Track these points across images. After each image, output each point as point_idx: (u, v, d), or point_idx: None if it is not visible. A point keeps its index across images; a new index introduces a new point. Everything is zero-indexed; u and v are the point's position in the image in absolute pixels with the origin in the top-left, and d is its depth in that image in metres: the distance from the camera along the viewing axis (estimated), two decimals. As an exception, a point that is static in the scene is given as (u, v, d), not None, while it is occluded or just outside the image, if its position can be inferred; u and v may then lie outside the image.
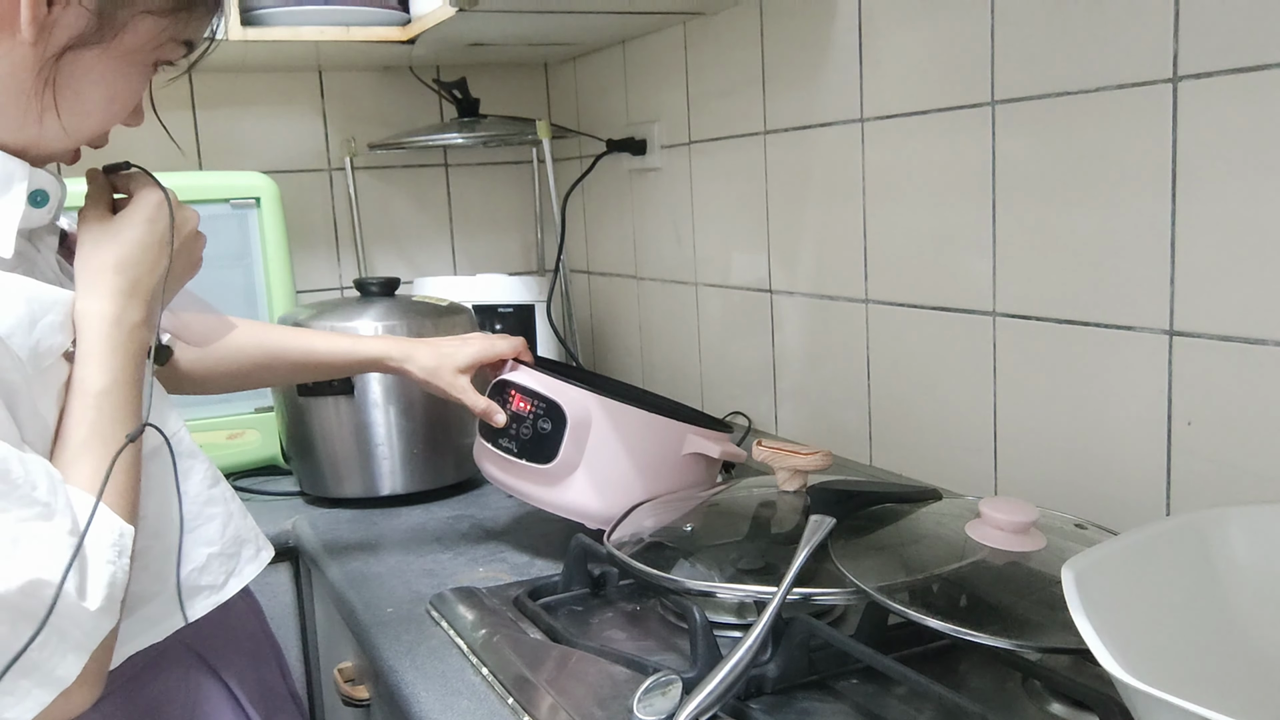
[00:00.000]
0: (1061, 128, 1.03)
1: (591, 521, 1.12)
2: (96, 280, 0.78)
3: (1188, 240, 0.93)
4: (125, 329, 0.77)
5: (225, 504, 0.90)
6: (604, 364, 2.00)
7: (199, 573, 0.87)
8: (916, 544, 0.90)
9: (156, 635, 0.83)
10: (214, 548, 0.88)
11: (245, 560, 0.91)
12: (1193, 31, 0.90)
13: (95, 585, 0.68)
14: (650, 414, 1.13)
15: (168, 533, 0.84)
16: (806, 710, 0.80)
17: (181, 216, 0.85)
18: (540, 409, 1.12)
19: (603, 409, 1.11)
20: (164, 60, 0.81)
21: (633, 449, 1.12)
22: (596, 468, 1.11)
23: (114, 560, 0.70)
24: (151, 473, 0.82)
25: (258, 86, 1.91)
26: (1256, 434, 0.90)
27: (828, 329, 1.40)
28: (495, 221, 2.12)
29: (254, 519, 0.95)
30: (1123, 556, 0.70)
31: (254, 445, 1.60)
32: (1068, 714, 0.78)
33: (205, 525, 0.88)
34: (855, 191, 1.31)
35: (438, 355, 1.18)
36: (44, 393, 0.73)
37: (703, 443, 1.13)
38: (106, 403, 0.75)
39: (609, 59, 1.89)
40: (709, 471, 1.18)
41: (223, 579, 0.89)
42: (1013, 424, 1.13)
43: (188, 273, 0.89)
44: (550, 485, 1.13)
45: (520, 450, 1.13)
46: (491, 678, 0.88)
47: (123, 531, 0.72)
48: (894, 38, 1.23)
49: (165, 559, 0.84)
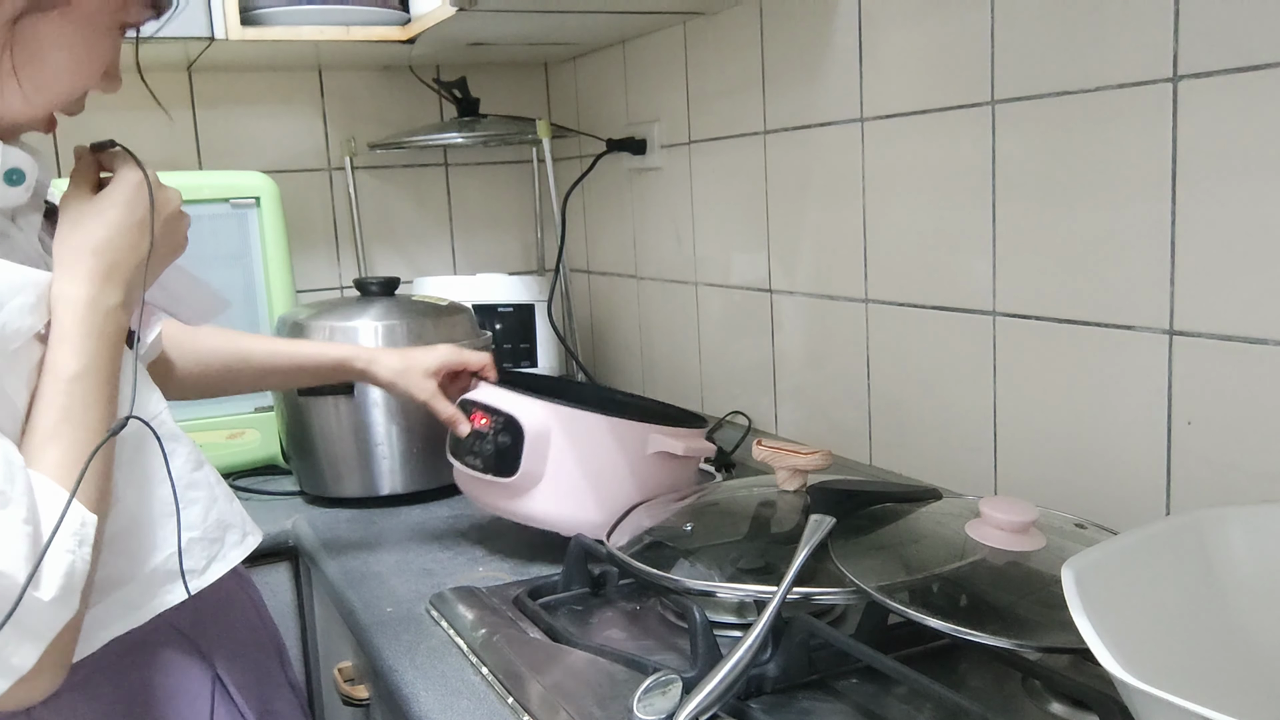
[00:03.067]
0: (1061, 128, 1.03)
1: (564, 529, 1.12)
2: (74, 262, 0.76)
3: (1188, 240, 0.93)
4: (101, 312, 0.76)
5: (209, 488, 0.89)
6: (604, 364, 2.00)
7: (178, 557, 0.85)
8: (916, 544, 0.90)
9: (135, 620, 0.82)
10: (195, 532, 0.86)
11: (230, 545, 0.90)
12: (1193, 31, 0.90)
13: (51, 575, 0.67)
14: (609, 418, 1.13)
15: (145, 517, 0.83)
16: (806, 710, 0.80)
17: (163, 197, 0.83)
18: (499, 423, 1.13)
19: (560, 418, 1.12)
20: (129, 23, 0.80)
21: (596, 455, 1.12)
22: (561, 477, 1.12)
23: (74, 550, 0.69)
24: (130, 457, 0.81)
25: (258, 86, 1.91)
26: (1256, 434, 0.90)
27: (828, 329, 1.40)
28: (495, 221, 2.12)
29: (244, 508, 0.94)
30: (1123, 556, 0.70)
31: (254, 445, 1.60)
32: (1068, 714, 0.78)
33: (187, 509, 0.86)
34: (855, 191, 1.31)
35: (404, 358, 1.18)
36: (13, 375, 0.72)
37: (666, 441, 1.13)
38: (79, 388, 0.74)
39: (609, 59, 1.89)
40: (684, 470, 1.18)
41: (204, 564, 0.87)
42: (1013, 424, 1.13)
43: (172, 254, 0.87)
44: (517, 497, 1.14)
45: (485, 465, 1.14)
46: (491, 677, 0.88)
47: (85, 521, 0.70)
48: (894, 38, 1.23)
49: (142, 543, 0.83)
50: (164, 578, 0.84)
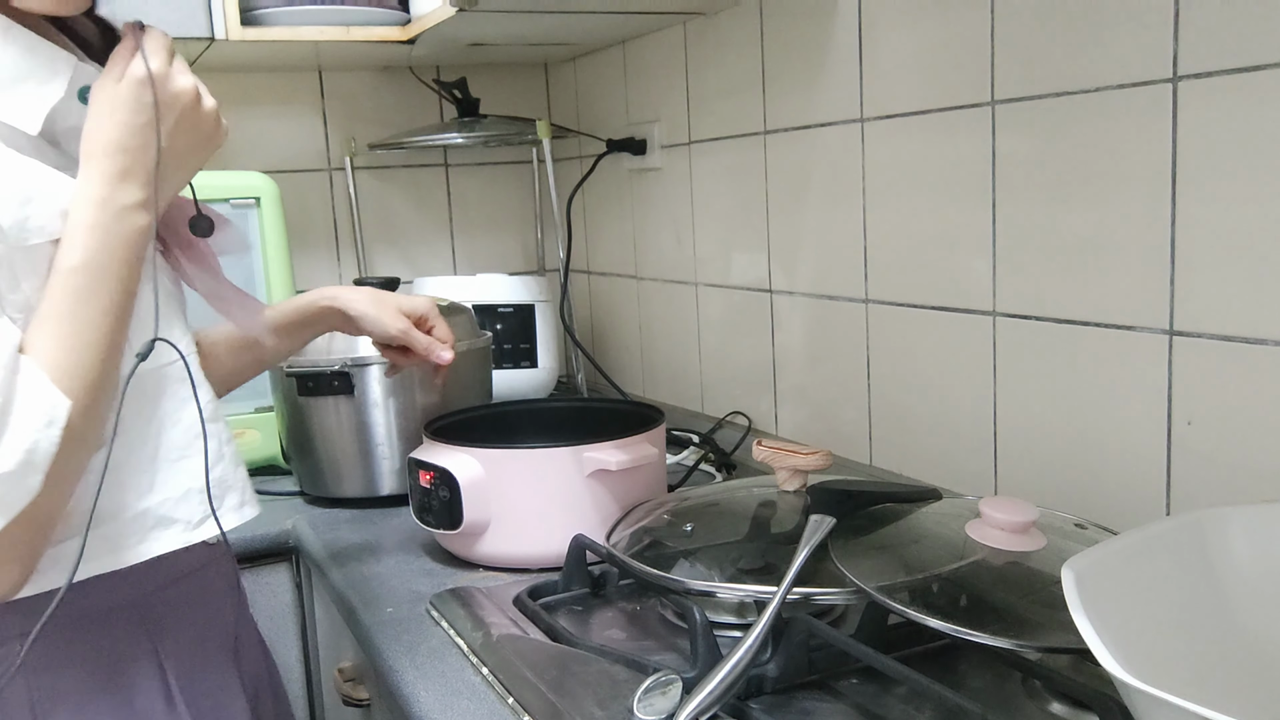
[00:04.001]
0: (1061, 128, 1.03)
1: (527, 565, 1.13)
2: (88, 163, 0.76)
3: (1188, 240, 0.93)
4: (112, 211, 0.76)
5: (219, 444, 0.87)
6: (604, 364, 2.00)
7: (174, 504, 0.83)
8: (916, 544, 0.90)
9: (117, 561, 0.80)
10: (197, 482, 0.84)
11: (228, 508, 0.87)
12: (1193, 31, 0.90)
13: (11, 446, 0.68)
14: (536, 450, 1.12)
15: (146, 456, 0.81)
16: (806, 710, 0.80)
17: (170, 94, 0.79)
18: (438, 479, 1.13)
19: (489, 461, 1.12)
20: None
21: (536, 488, 1.12)
22: (507, 518, 1.12)
23: (40, 429, 0.69)
24: (144, 390, 0.80)
25: (258, 86, 1.91)
26: (1256, 434, 0.90)
27: (828, 329, 1.40)
28: (495, 221, 2.12)
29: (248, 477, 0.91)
30: (1123, 556, 0.70)
31: (254, 445, 1.60)
32: (1068, 714, 0.78)
33: (195, 457, 0.84)
34: (855, 191, 1.31)
35: (376, 296, 1.15)
36: (30, 271, 0.73)
37: (599, 457, 1.11)
38: (73, 281, 0.74)
39: (609, 59, 1.89)
40: (641, 475, 1.15)
41: (199, 517, 0.85)
42: (1013, 424, 1.13)
43: (199, 148, 0.83)
44: (472, 545, 1.14)
45: (437, 521, 1.14)
46: (491, 678, 0.88)
47: (57, 403, 0.71)
48: (894, 38, 1.23)
49: (139, 481, 0.81)
50: (155, 522, 0.82)
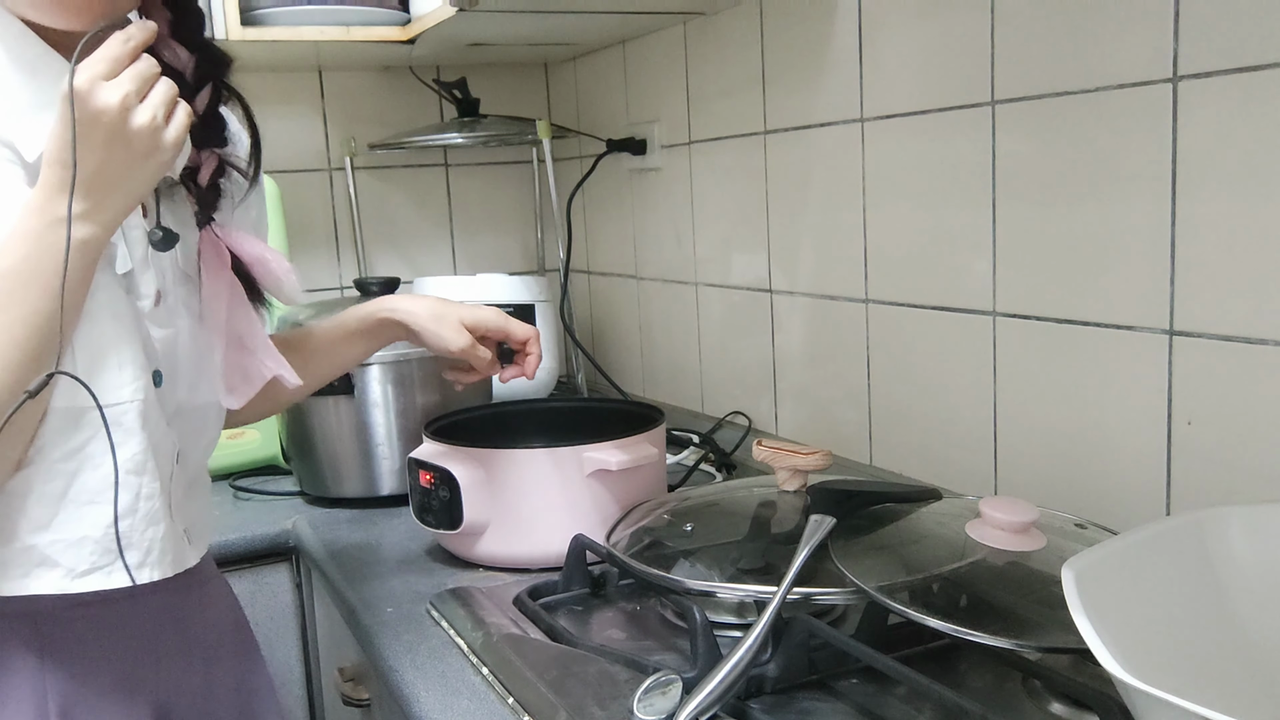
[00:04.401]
0: (1061, 128, 1.03)
1: (528, 565, 1.13)
2: (42, 171, 0.76)
3: (1188, 240, 0.93)
4: (46, 220, 0.74)
5: (136, 498, 0.82)
6: (604, 364, 2.00)
7: (64, 547, 0.80)
8: (916, 544, 0.90)
9: None
10: (96, 532, 0.80)
11: (121, 566, 0.81)
12: (1193, 31, 0.90)
13: None
14: (535, 450, 1.12)
15: (47, 493, 0.79)
16: (806, 710, 0.80)
17: (90, 111, 0.73)
18: (438, 478, 1.13)
19: (489, 462, 1.12)
20: None
21: (535, 488, 1.12)
22: (508, 517, 1.12)
23: None
24: (62, 427, 0.78)
25: (258, 86, 1.90)
26: (1256, 434, 0.90)
27: (828, 329, 1.40)
28: (495, 221, 2.12)
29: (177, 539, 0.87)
30: (1123, 556, 0.70)
31: (254, 445, 1.60)
32: (1068, 714, 0.78)
33: (104, 506, 0.80)
34: (855, 191, 1.31)
35: (437, 310, 1.10)
36: None
37: (599, 457, 1.10)
38: None
39: (609, 59, 1.89)
40: (642, 475, 1.15)
41: (85, 568, 0.81)
42: (1013, 424, 1.13)
43: (135, 165, 0.76)
44: (473, 545, 1.14)
45: (437, 521, 1.14)
46: (491, 678, 0.88)
47: None
48: (894, 38, 1.23)
49: (28, 515, 0.79)
50: (39, 561, 0.80)
